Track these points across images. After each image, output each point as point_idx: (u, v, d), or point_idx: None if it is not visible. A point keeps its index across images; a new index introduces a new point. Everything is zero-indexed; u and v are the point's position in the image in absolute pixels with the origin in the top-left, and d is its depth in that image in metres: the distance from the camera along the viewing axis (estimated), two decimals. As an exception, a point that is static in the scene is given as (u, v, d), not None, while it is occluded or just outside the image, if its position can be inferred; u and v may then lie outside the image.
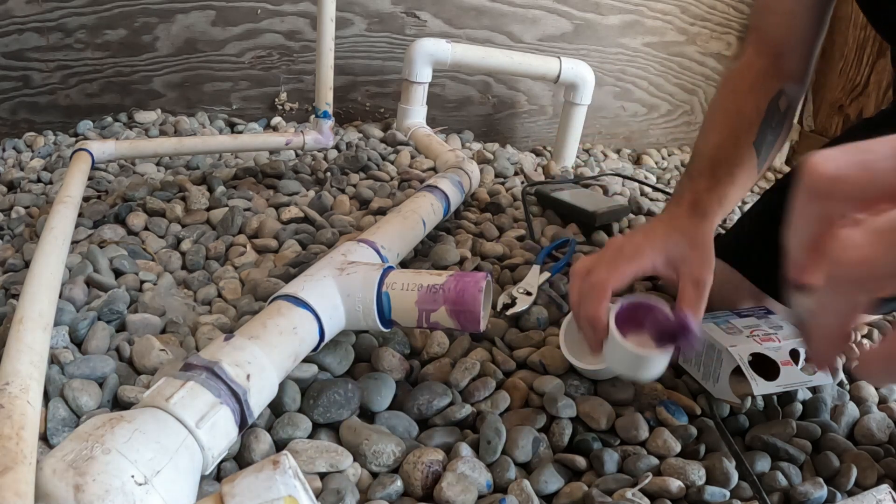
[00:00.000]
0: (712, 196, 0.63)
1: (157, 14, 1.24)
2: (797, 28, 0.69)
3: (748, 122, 0.67)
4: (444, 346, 0.67)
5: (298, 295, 0.56)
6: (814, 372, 0.62)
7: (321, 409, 0.56)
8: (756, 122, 0.66)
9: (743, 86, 0.69)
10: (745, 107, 0.67)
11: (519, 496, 0.51)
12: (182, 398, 0.43)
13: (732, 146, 0.66)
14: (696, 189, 0.64)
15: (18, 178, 1.04)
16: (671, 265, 0.59)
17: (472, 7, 1.39)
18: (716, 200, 0.63)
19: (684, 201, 0.64)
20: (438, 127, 1.42)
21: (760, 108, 0.67)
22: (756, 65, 0.69)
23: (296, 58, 1.36)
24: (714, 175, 0.64)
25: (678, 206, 0.64)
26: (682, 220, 0.62)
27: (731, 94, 0.70)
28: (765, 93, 0.68)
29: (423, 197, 0.84)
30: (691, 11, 1.56)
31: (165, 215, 0.90)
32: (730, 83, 0.71)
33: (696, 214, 0.63)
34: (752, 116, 0.67)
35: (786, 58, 0.69)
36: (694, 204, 0.63)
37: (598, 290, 0.55)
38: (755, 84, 0.68)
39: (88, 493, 0.36)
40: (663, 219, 0.64)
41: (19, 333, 0.51)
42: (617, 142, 1.68)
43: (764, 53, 0.70)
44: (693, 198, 0.64)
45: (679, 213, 0.63)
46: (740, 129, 0.66)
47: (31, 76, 1.23)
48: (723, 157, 0.65)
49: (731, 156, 0.65)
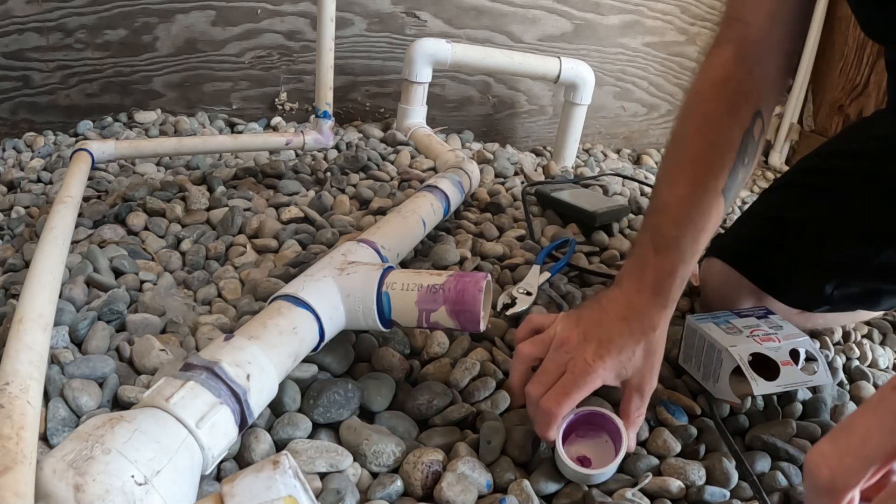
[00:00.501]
0: (676, 279, 0.57)
1: (157, 14, 1.24)
2: (784, 21, 0.61)
3: (720, 161, 0.59)
4: (444, 346, 0.67)
5: (298, 295, 0.56)
6: (814, 372, 0.62)
7: (321, 409, 0.56)
8: (728, 162, 0.59)
9: (719, 110, 0.60)
10: (718, 140, 0.60)
11: (519, 496, 0.51)
12: (182, 398, 0.43)
13: (701, 197, 0.58)
14: (659, 270, 0.57)
15: (18, 178, 1.04)
16: (620, 378, 0.56)
17: (472, 7, 1.39)
18: (679, 284, 0.57)
19: (646, 282, 0.57)
20: (438, 127, 1.42)
21: (734, 141, 0.60)
22: (735, 76, 0.61)
23: (296, 58, 1.36)
24: (679, 247, 0.57)
25: (639, 287, 0.57)
26: (641, 312, 0.56)
27: (705, 124, 0.61)
28: (741, 118, 0.60)
29: (423, 197, 0.84)
30: (691, 11, 1.56)
31: (165, 215, 0.90)
32: (703, 105, 0.62)
33: (657, 303, 0.56)
34: (725, 154, 0.59)
35: (767, 62, 0.62)
36: (657, 289, 0.57)
37: (549, 418, 0.52)
38: (732, 107, 0.60)
39: (88, 493, 0.36)
40: (622, 310, 0.56)
41: (19, 333, 0.51)
42: (617, 142, 1.68)
43: (745, 57, 0.61)
44: (656, 282, 0.57)
45: (639, 301, 0.56)
46: (711, 172, 0.59)
47: (31, 76, 1.23)
48: (689, 220, 0.58)
49: (699, 213, 0.58)
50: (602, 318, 0.56)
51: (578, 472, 0.52)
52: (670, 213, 0.59)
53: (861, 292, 0.71)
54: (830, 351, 0.77)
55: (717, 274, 0.74)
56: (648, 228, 0.60)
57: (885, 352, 0.80)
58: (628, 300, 0.57)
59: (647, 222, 0.61)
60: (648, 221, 0.61)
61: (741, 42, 0.61)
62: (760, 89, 0.61)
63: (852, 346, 0.79)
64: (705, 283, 0.77)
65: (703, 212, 0.58)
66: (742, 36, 0.61)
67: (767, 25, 0.61)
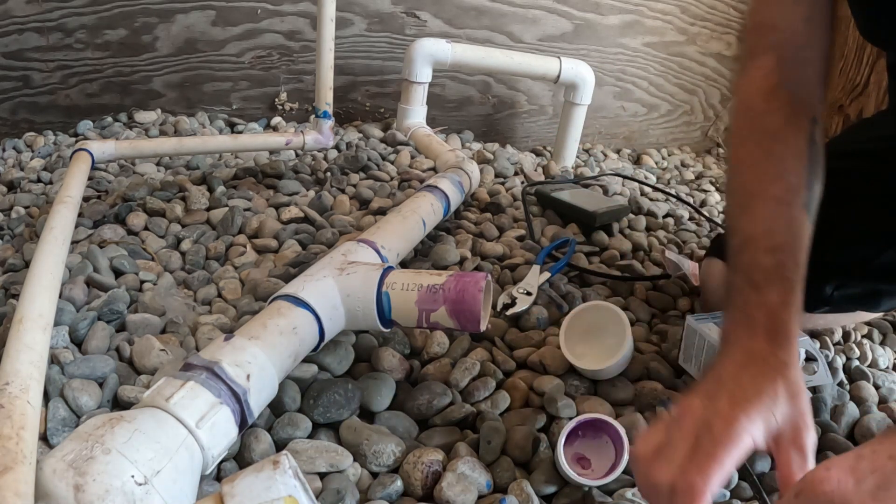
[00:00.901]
0: (791, 309, 0.49)
1: (157, 14, 1.24)
2: (818, 22, 0.57)
3: (794, 175, 0.54)
4: (444, 346, 0.67)
5: (298, 295, 0.56)
6: (814, 372, 0.62)
7: (321, 409, 0.56)
8: (803, 174, 0.54)
9: (777, 122, 0.55)
10: (786, 153, 0.54)
11: (519, 496, 0.51)
12: (182, 398, 0.43)
13: (787, 217, 0.52)
14: (768, 305, 0.49)
15: (18, 178, 1.04)
16: (770, 431, 0.44)
17: (472, 7, 1.39)
18: (795, 312, 0.49)
19: (758, 327, 0.49)
20: (438, 127, 1.42)
21: (801, 151, 0.54)
22: (784, 83, 0.56)
23: (296, 58, 1.36)
24: (782, 275, 0.50)
25: (752, 334, 0.49)
26: (766, 359, 0.47)
27: (767, 140, 0.55)
28: (802, 127, 0.55)
29: (423, 197, 0.84)
30: (691, 11, 1.56)
31: (165, 215, 0.90)
32: (759, 120, 0.56)
33: (778, 343, 0.48)
34: (796, 167, 0.54)
35: (809, 66, 0.57)
36: (773, 329, 0.48)
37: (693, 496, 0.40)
38: (790, 116, 0.55)
39: (88, 493, 0.36)
40: (739, 359, 0.48)
41: (19, 333, 0.51)
42: (617, 142, 1.68)
43: (788, 62, 0.57)
44: (769, 320, 0.49)
45: (758, 349, 0.48)
46: (789, 189, 0.53)
47: (31, 76, 1.23)
48: (783, 243, 0.51)
49: (790, 236, 0.52)
50: (721, 374, 0.47)
51: (578, 480, 0.52)
52: (759, 243, 0.52)
53: (861, 293, 0.71)
54: (830, 351, 0.77)
55: (717, 274, 0.74)
56: (739, 269, 0.53)
57: (885, 352, 0.80)
58: (744, 350, 0.48)
59: (735, 263, 0.53)
60: (736, 262, 0.53)
61: (780, 48, 0.58)
62: (811, 94, 0.57)
63: (852, 346, 0.79)
64: (705, 284, 0.77)
65: (793, 232, 0.52)
66: (780, 42, 0.58)
67: (804, 29, 0.57)
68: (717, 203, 1.31)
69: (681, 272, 0.85)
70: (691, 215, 1.17)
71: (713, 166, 1.66)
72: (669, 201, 1.21)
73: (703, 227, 1.12)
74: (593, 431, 0.56)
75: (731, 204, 0.57)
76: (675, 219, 1.12)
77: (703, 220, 1.16)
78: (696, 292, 0.83)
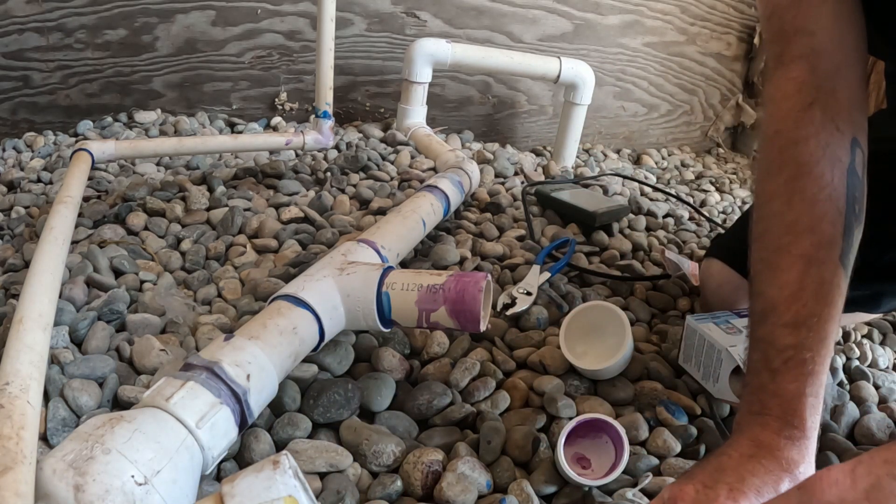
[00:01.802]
0: (807, 400, 0.44)
1: (157, 14, 1.24)
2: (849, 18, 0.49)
3: (830, 220, 0.46)
4: (444, 346, 0.67)
5: (298, 295, 0.56)
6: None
7: (321, 409, 0.56)
8: (839, 219, 0.46)
9: (810, 150, 0.47)
10: (821, 192, 0.46)
11: (519, 496, 0.51)
12: (182, 398, 0.43)
13: (817, 286, 0.45)
14: (783, 395, 0.44)
15: (18, 178, 1.04)
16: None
17: (472, 7, 1.39)
18: (814, 405, 0.44)
19: (771, 417, 0.44)
20: (438, 127, 1.42)
21: (839, 187, 0.46)
22: (818, 99, 0.48)
23: (296, 58, 1.36)
24: (802, 358, 0.45)
25: (763, 423, 0.44)
26: (773, 448, 0.43)
27: (799, 176, 0.47)
28: (839, 154, 0.47)
29: (423, 197, 0.84)
30: (691, 11, 1.56)
31: (165, 215, 0.90)
32: (791, 149, 0.48)
33: (791, 435, 0.43)
34: (833, 209, 0.46)
35: (847, 74, 0.49)
36: (787, 422, 0.44)
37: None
38: (825, 141, 0.47)
39: (88, 493, 0.36)
40: (746, 450, 0.44)
41: (19, 333, 0.51)
42: (617, 142, 1.68)
43: (821, 73, 0.48)
44: (784, 411, 0.44)
45: (768, 442, 0.43)
46: (822, 240, 0.46)
47: (31, 76, 1.23)
48: (808, 316, 0.45)
49: (819, 304, 0.45)
50: (724, 462, 0.43)
51: (578, 481, 0.52)
52: (781, 315, 0.46)
53: (862, 295, 0.70)
54: (830, 351, 0.77)
55: (716, 275, 0.74)
56: (758, 345, 0.47)
57: (885, 352, 0.80)
58: (753, 439, 0.44)
59: (755, 337, 0.48)
60: (756, 335, 0.48)
61: (811, 56, 0.49)
62: (850, 110, 0.49)
63: (852, 346, 0.79)
64: (705, 284, 0.77)
65: (822, 297, 0.45)
66: (811, 49, 0.49)
67: (836, 29, 0.49)
68: (716, 203, 1.31)
69: (681, 272, 0.85)
70: (691, 215, 1.17)
71: (713, 166, 1.66)
72: (669, 201, 1.21)
73: (703, 227, 1.12)
74: (593, 431, 0.56)
75: (755, 256, 0.50)
76: (675, 219, 1.12)
77: (703, 220, 1.16)
78: (696, 292, 0.83)
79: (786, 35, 0.52)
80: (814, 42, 0.50)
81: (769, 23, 0.53)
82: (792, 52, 0.51)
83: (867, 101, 0.52)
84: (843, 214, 0.47)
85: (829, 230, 0.46)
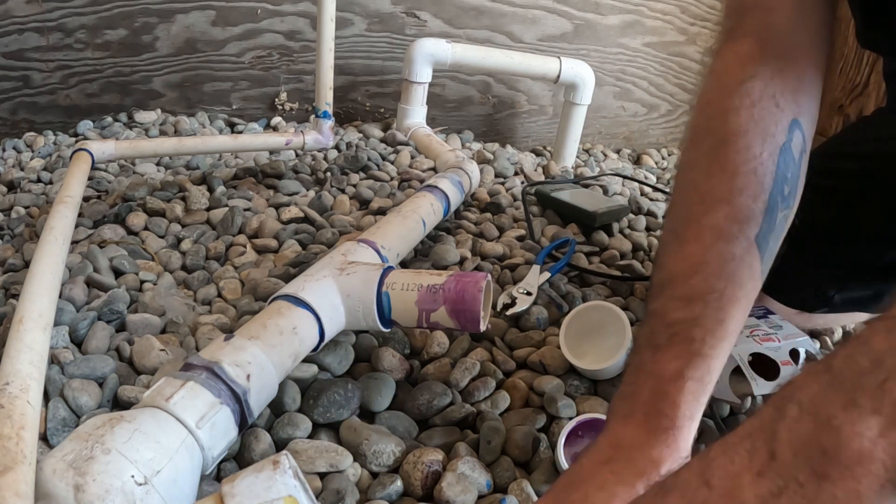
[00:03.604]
0: (686, 384, 0.38)
1: (157, 14, 1.24)
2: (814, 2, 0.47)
3: (749, 195, 0.42)
4: (444, 346, 0.67)
5: (298, 295, 0.56)
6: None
7: (321, 409, 0.56)
8: (761, 196, 0.42)
9: (739, 123, 0.44)
10: (743, 165, 0.43)
11: (519, 496, 0.51)
12: (182, 398, 0.43)
13: (722, 261, 0.41)
14: (658, 376, 0.39)
15: (18, 178, 1.04)
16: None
17: (472, 7, 1.39)
18: (693, 391, 0.38)
19: (639, 401, 0.39)
20: (438, 127, 1.42)
21: (766, 163, 0.43)
22: (760, 75, 0.45)
23: (296, 58, 1.36)
24: (690, 336, 0.39)
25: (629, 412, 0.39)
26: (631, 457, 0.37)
27: (721, 145, 0.44)
28: (773, 132, 0.44)
29: (423, 197, 0.84)
30: (691, 11, 1.56)
31: (165, 215, 0.90)
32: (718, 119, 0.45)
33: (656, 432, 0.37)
34: (754, 184, 0.43)
35: (799, 56, 0.47)
36: (655, 411, 0.38)
37: None
38: (760, 117, 0.44)
39: (88, 493, 0.36)
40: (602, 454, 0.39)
41: (19, 333, 0.51)
42: (617, 142, 1.68)
43: (771, 50, 0.46)
44: (654, 397, 0.38)
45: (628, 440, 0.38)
46: (736, 214, 0.42)
47: (31, 76, 1.23)
48: (706, 291, 0.40)
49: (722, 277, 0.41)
50: (575, 473, 0.39)
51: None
52: (677, 287, 0.41)
53: (863, 296, 0.70)
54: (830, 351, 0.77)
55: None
56: (648, 319, 0.43)
57: (885, 352, 0.80)
58: (612, 438, 0.39)
59: (647, 311, 0.43)
60: (648, 309, 0.43)
61: (764, 32, 0.47)
62: (795, 91, 0.46)
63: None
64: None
65: (727, 274, 0.41)
66: (765, 24, 0.47)
67: (796, 9, 0.47)
68: (717, 203, 1.31)
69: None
70: (691, 215, 1.17)
71: (713, 166, 1.66)
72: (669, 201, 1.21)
73: (703, 227, 1.12)
74: (593, 431, 0.56)
75: (666, 227, 0.46)
76: (675, 219, 1.12)
77: (703, 220, 1.16)
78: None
79: (743, 9, 0.49)
80: (770, 18, 0.47)
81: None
82: (745, 27, 0.49)
83: (819, 90, 0.49)
84: (767, 192, 0.43)
85: (747, 205, 0.42)
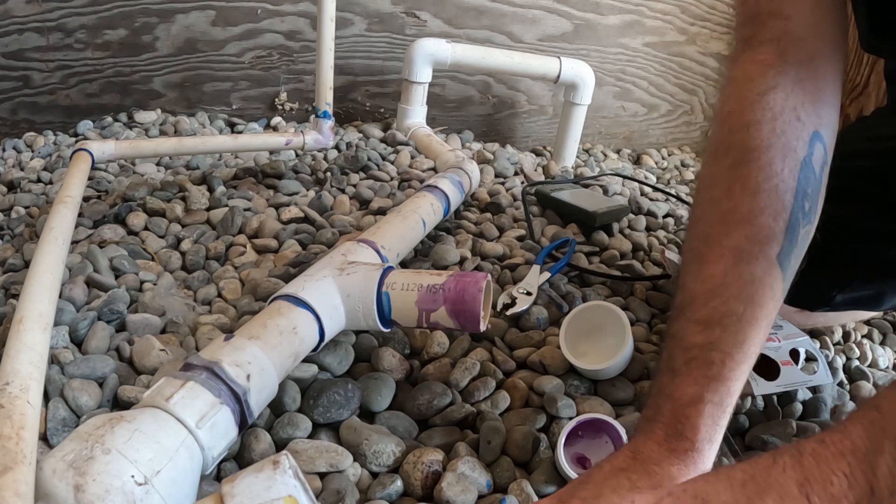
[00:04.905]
0: (705, 408, 0.39)
1: (157, 14, 1.24)
2: (829, 8, 0.46)
3: (770, 213, 0.42)
4: (444, 346, 0.67)
5: (298, 295, 0.56)
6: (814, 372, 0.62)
7: (321, 409, 0.56)
8: (783, 214, 0.42)
9: (761, 137, 0.43)
10: (765, 182, 0.42)
11: (519, 496, 0.51)
12: (182, 398, 0.43)
13: (742, 284, 0.41)
14: (677, 400, 0.40)
15: (18, 178, 1.04)
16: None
17: (472, 7, 1.39)
18: (712, 415, 0.39)
19: (660, 422, 0.40)
20: (438, 127, 1.42)
21: (787, 179, 0.42)
22: (781, 86, 0.44)
23: (296, 58, 1.36)
24: (708, 360, 0.40)
25: (649, 430, 0.40)
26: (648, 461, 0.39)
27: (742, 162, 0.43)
28: (794, 146, 0.43)
29: (423, 197, 0.84)
30: (691, 11, 1.56)
31: (165, 215, 0.90)
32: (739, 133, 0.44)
33: (675, 447, 0.39)
34: (775, 202, 0.42)
35: (819, 65, 0.46)
36: (674, 428, 0.39)
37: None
38: (781, 130, 0.43)
39: (88, 493, 0.36)
40: (621, 461, 0.40)
41: (19, 333, 0.51)
42: (617, 142, 1.68)
43: (790, 60, 0.45)
44: (673, 416, 0.39)
45: (648, 453, 0.39)
46: (757, 233, 0.42)
47: (31, 76, 1.23)
48: (724, 315, 0.40)
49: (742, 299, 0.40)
50: (594, 474, 0.40)
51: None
52: (696, 310, 0.41)
53: (864, 295, 0.70)
54: (830, 351, 0.77)
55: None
56: (668, 342, 0.43)
57: (885, 352, 0.80)
58: (634, 450, 0.40)
59: (668, 334, 0.44)
60: (669, 332, 0.44)
61: (782, 40, 0.46)
62: (816, 102, 0.46)
63: (852, 346, 0.79)
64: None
65: (747, 295, 0.41)
66: (783, 33, 0.46)
67: (813, 17, 0.46)
68: (717, 203, 1.31)
69: (681, 272, 0.85)
70: (691, 215, 1.17)
71: (713, 166, 1.66)
72: (669, 201, 1.21)
73: (703, 227, 1.12)
74: (593, 431, 0.56)
75: (686, 246, 0.46)
76: (675, 219, 1.12)
77: (703, 220, 1.16)
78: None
79: (759, 17, 0.49)
80: (788, 26, 0.47)
81: (744, 6, 0.51)
82: (763, 35, 0.48)
83: (839, 99, 0.48)
84: (789, 210, 0.43)
85: (769, 224, 0.42)
